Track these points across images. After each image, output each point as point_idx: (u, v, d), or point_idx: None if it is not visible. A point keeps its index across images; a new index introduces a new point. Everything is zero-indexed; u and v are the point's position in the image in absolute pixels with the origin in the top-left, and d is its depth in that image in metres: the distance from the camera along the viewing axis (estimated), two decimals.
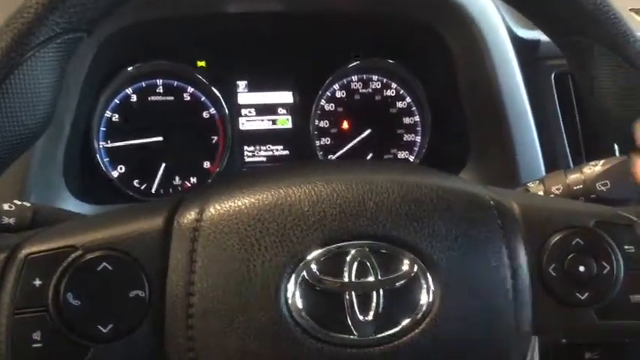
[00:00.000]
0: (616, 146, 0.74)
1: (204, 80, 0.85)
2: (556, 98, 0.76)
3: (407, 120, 0.90)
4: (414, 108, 0.90)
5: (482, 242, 0.44)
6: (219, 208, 0.43)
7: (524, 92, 0.75)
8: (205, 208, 0.43)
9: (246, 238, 0.42)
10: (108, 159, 0.83)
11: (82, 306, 0.40)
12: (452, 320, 0.42)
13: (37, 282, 0.40)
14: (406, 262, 0.43)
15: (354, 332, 0.41)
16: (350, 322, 0.41)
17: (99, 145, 0.83)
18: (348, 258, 0.42)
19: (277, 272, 0.41)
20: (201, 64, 0.86)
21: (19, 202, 0.52)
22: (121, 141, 0.83)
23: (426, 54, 0.84)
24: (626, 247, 0.46)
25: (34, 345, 0.39)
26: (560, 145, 0.75)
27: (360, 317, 0.41)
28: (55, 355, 0.40)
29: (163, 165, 0.84)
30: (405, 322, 0.42)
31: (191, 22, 0.81)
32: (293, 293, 0.41)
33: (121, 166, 0.84)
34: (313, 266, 0.42)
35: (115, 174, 0.83)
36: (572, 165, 0.76)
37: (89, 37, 0.44)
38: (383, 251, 0.43)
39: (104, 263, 0.41)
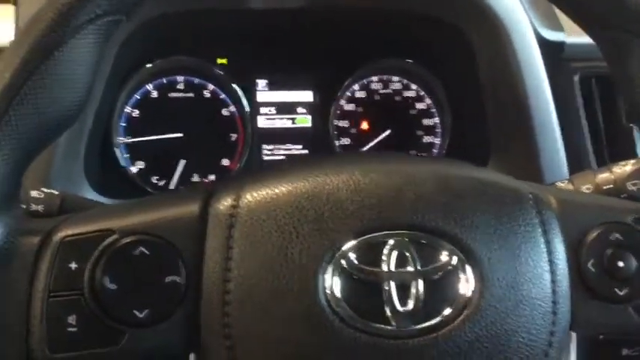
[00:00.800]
0: None
1: (224, 77, 0.84)
2: (580, 100, 0.75)
3: (427, 121, 0.89)
4: (433, 109, 0.90)
5: (521, 235, 0.43)
6: (255, 195, 0.43)
7: (549, 94, 0.74)
8: (242, 194, 0.43)
9: (283, 226, 0.41)
10: (127, 155, 0.83)
11: (118, 290, 0.39)
12: (491, 313, 0.42)
13: (73, 265, 0.40)
14: (445, 253, 0.42)
15: (393, 323, 0.41)
16: (388, 313, 0.41)
17: (118, 140, 0.82)
18: (387, 247, 0.42)
19: (315, 260, 0.41)
20: (222, 61, 0.85)
21: (47, 190, 0.51)
22: (140, 137, 0.83)
23: (448, 54, 0.84)
24: None
25: (69, 329, 0.39)
26: (583, 147, 0.75)
27: (399, 308, 0.41)
28: (90, 339, 0.39)
29: (182, 162, 0.83)
30: (445, 313, 0.41)
31: (213, 18, 0.81)
32: (331, 282, 0.41)
33: (140, 162, 0.83)
34: (351, 255, 0.41)
35: (134, 169, 0.83)
36: (595, 167, 0.75)
37: (128, 20, 0.43)
38: (422, 242, 0.42)
39: (141, 247, 0.40)
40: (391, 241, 0.42)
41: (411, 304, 0.41)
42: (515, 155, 0.77)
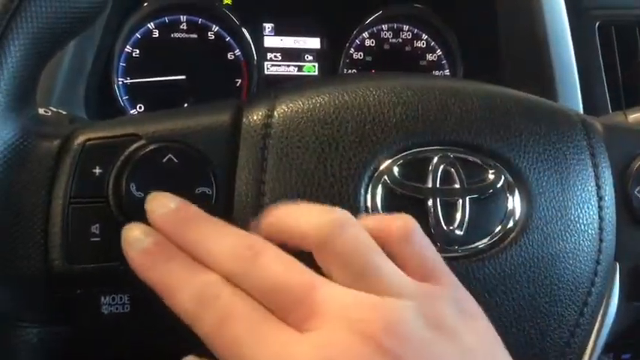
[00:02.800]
0: None
1: (230, 19, 0.81)
2: (599, 48, 0.73)
3: (437, 73, 0.87)
4: (444, 61, 0.87)
5: (569, 157, 0.41)
6: (291, 105, 0.40)
7: (570, 42, 0.72)
8: (277, 104, 0.40)
9: (322, 137, 0.38)
10: (127, 96, 0.78)
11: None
12: (538, 236, 0.39)
13: (97, 170, 0.36)
14: (492, 172, 0.40)
15: (437, 242, 0.38)
16: (433, 231, 0.38)
17: (118, 80, 0.78)
18: (432, 163, 0.39)
19: (357, 173, 0.38)
20: (227, 1, 0.81)
21: (54, 109, 0.47)
22: (141, 78, 0.79)
23: (464, 1, 0.81)
24: None
25: (92, 239, 0.35)
26: (601, 96, 0.73)
27: (445, 227, 0.38)
28: (114, 251, 0.35)
29: (185, 105, 0.80)
30: (492, 234, 0.39)
31: None
32: (373, 196, 0.38)
33: (141, 104, 0.79)
34: (395, 169, 0.38)
35: (133, 112, 0.79)
36: None
37: None
38: (469, 159, 0.39)
39: (170, 155, 0.37)
40: (436, 157, 0.39)
41: (456, 224, 0.38)
42: None
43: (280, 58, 0.84)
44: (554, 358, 0.40)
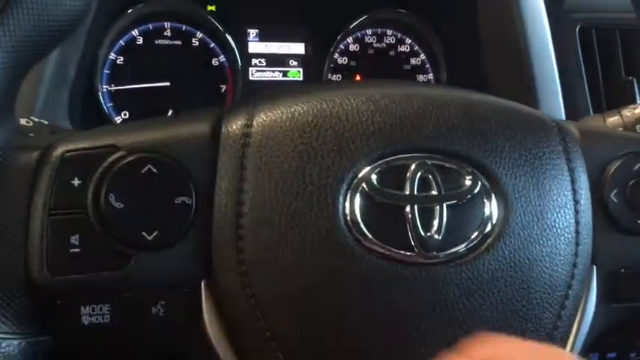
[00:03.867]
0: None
1: (214, 25, 0.81)
2: (580, 51, 0.74)
3: (420, 77, 0.87)
4: (428, 65, 0.88)
5: (545, 162, 0.42)
6: (270, 114, 0.40)
7: (551, 47, 0.73)
8: (255, 113, 0.40)
9: (300, 145, 0.39)
10: (111, 103, 0.78)
11: (124, 209, 0.36)
12: (515, 241, 0.40)
13: (76, 181, 0.36)
14: (469, 178, 0.40)
15: (416, 249, 0.39)
16: (412, 238, 0.39)
17: (102, 88, 0.78)
18: (410, 171, 0.39)
19: (335, 182, 0.38)
20: (211, 8, 0.82)
21: (36, 119, 0.47)
22: (125, 85, 0.79)
23: (447, 5, 0.82)
24: None
25: (72, 250, 0.36)
26: (582, 98, 0.74)
27: (423, 233, 0.39)
28: (95, 261, 0.36)
29: (170, 112, 0.80)
30: (469, 240, 0.39)
31: None
32: (351, 204, 0.38)
33: (125, 111, 0.79)
34: (373, 177, 0.39)
35: (118, 119, 0.79)
36: None
37: None
38: (446, 166, 0.40)
39: (149, 165, 0.37)
40: (414, 165, 0.39)
41: (434, 230, 0.39)
42: None
43: (265, 63, 0.85)
44: None
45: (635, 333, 0.73)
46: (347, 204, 0.38)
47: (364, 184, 0.39)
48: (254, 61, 0.84)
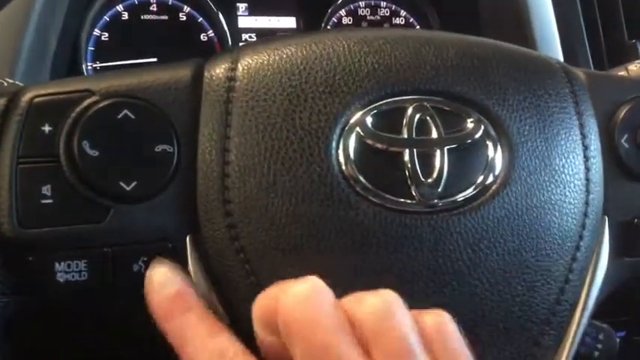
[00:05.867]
0: None
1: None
2: (581, 14, 0.72)
3: None
4: None
5: (551, 105, 0.39)
6: (256, 57, 0.37)
7: (553, 17, 0.70)
8: (241, 57, 0.37)
9: (289, 88, 0.36)
10: None
11: (100, 157, 0.34)
12: (521, 187, 0.37)
13: (47, 128, 0.34)
14: (471, 121, 0.37)
15: (415, 196, 0.36)
16: (410, 184, 0.36)
17: (87, 65, 0.75)
18: (408, 113, 0.37)
19: (327, 125, 0.36)
20: None
21: (10, 80, 0.45)
22: (110, 62, 0.76)
23: None
24: None
25: (44, 201, 0.33)
26: (583, 54, 0.71)
27: (423, 179, 0.36)
28: (69, 213, 0.33)
29: None
30: (473, 186, 0.37)
31: None
32: (345, 149, 0.36)
33: None
34: (368, 120, 0.36)
35: None
36: None
37: None
38: (445, 108, 0.37)
39: (126, 111, 0.35)
40: (411, 107, 0.37)
41: (434, 176, 0.36)
42: None
43: (255, 38, 0.82)
44: (543, 315, 0.37)
45: None
46: (340, 149, 0.36)
47: (358, 128, 0.36)
48: (244, 36, 0.81)
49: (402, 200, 0.36)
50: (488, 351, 0.37)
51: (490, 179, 0.37)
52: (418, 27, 0.85)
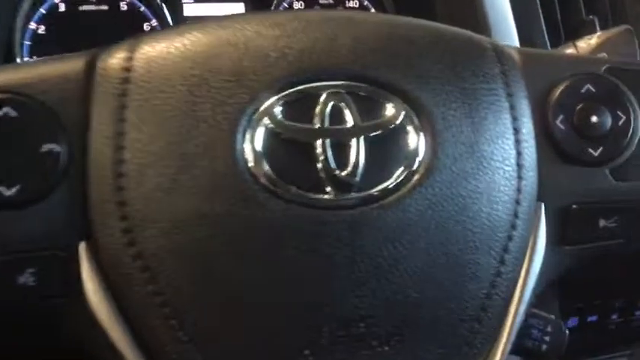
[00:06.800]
0: None
1: None
2: None
3: None
4: None
5: (479, 87, 0.37)
6: (156, 44, 0.35)
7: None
8: (138, 46, 0.35)
9: (191, 77, 0.33)
10: None
11: None
12: (446, 176, 0.35)
13: None
14: (391, 106, 0.35)
15: (329, 190, 0.33)
16: (324, 178, 0.33)
17: (23, 60, 0.72)
18: (320, 101, 0.34)
19: (232, 117, 0.33)
20: None
21: None
22: (48, 56, 0.73)
23: None
24: None
25: None
26: (538, 31, 0.69)
27: (337, 171, 0.33)
28: None
29: None
30: (392, 177, 0.34)
31: None
32: (252, 142, 0.33)
33: None
34: (277, 110, 0.34)
35: None
36: None
37: None
38: (362, 94, 0.35)
39: (5, 108, 0.32)
40: (324, 94, 0.34)
41: (350, 167, 0.34)
42: None
43: None
44: (473, 312, 0.35)
45: (614, 293, 0.69)
46: (246, 142, 0.33)
47: (267, 119, 0.33)
48: None
49: (315, 195, 0.33)
50: (414, 353, 0.34)
51: (412, 169, 0.34)
52: (373, 10, 0.82)
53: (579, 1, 0.71)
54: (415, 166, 0.34)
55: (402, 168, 0.34)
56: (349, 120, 0.34)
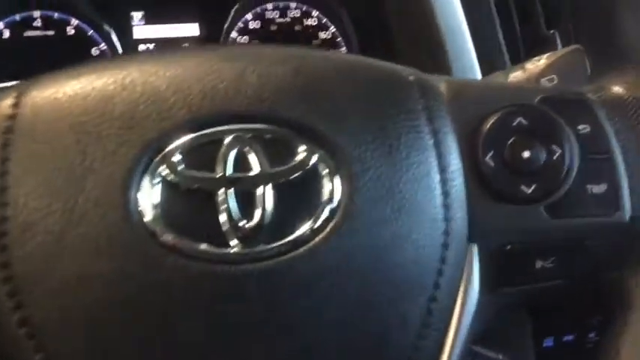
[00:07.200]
0: None
1: (90, 11, 0.73)
2: (493, 4, 0.67)
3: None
4: (339, 38, 0.80)
5: (400, 126, 0.34)
6: (45, 90, 0.32)
7: (459, 5, 0.66)
8: (27, 90, 0.32)
9: (80, 125, 0.31)
10: None
11: None
12: (364, 223, 0.32)
13: None
14: (302, 149, 0.32)
15: (234, 243, 0.31)
16: (228, 230, 0.31)
17: None
18: (223, 146, 0.32)
19: (125, 167, 0.30)
20: None
21: None
22: None
23: None
24: (579, 126, 0.37)
25: None
26: (498, 52, 0.67)
27: (241, 223, 0.31)
28: None
29: None
30: (304, 227, 0.32)
31: None
32: (148, 194, 0.31)
33: None
34: (175, 158, 0.31)
35: None
36: None
37: None
38: (268, 137, 0.32)
39: None
40: (228, 139, 0.32)
41: (257, 218, 0.31)
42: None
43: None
44: None
45: (592, 310, 0.67)
46: (142, 194, 0.30)
47: (164, 168, 0.31)
48: (141, 47, 0.76)
49: (219, 250, 0.31)
50: None
51: (326, 215, 0.32)
52: (333, 27, 0.80)
53: (539, 16, 0.68)
54: (329, 214, 0.32)
55: (314, 216, 0.32)
56: (255, 166, 0.32)
